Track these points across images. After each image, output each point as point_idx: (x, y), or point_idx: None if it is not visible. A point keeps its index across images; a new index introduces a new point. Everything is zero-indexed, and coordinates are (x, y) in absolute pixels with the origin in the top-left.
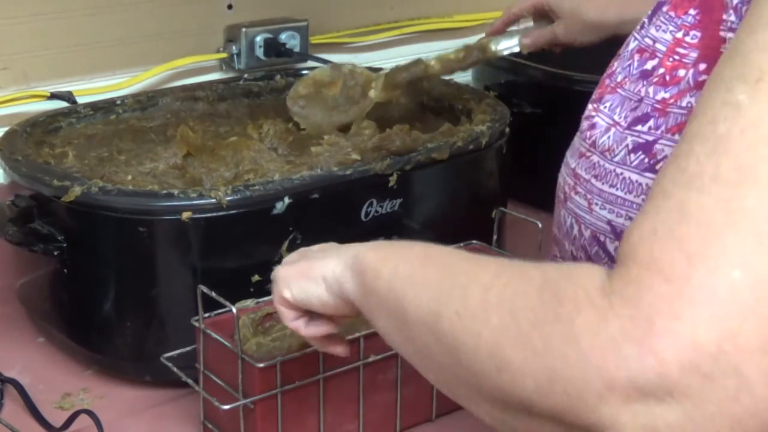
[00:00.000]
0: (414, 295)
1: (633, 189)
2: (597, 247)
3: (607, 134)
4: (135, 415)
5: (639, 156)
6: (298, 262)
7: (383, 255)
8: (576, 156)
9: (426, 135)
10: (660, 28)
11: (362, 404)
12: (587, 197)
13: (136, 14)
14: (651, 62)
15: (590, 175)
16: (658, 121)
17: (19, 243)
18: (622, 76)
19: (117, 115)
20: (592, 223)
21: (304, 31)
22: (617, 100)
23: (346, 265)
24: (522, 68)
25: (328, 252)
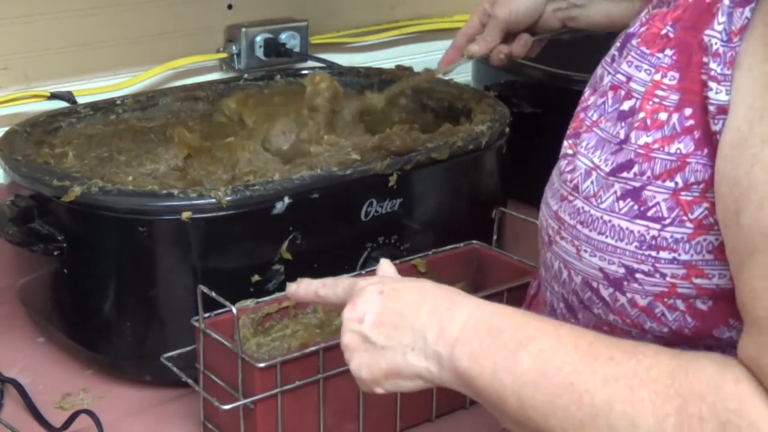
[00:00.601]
0: (544, 423)
1: (624, 236)
2: (590, 292)
3: (589, 179)
4: (135, 415)
5: (628, 203)
6: (374, 354)
7: (477, 359)
8: (557, 198)
9: (426, 135)
10: (632, 64)
11: (362, 404)
12: (574, 243)
13: (136, 14)
14: (628, 103)
15: (575, 221)
16: (642, 167)
17: (19, 243)
18: (598, 114)
19: (117, 115)
20: (582, 269)
21: (304, 31)
22: (594, 140)
23: (440, 365)
24: (522, 68)
25: (404, 340)
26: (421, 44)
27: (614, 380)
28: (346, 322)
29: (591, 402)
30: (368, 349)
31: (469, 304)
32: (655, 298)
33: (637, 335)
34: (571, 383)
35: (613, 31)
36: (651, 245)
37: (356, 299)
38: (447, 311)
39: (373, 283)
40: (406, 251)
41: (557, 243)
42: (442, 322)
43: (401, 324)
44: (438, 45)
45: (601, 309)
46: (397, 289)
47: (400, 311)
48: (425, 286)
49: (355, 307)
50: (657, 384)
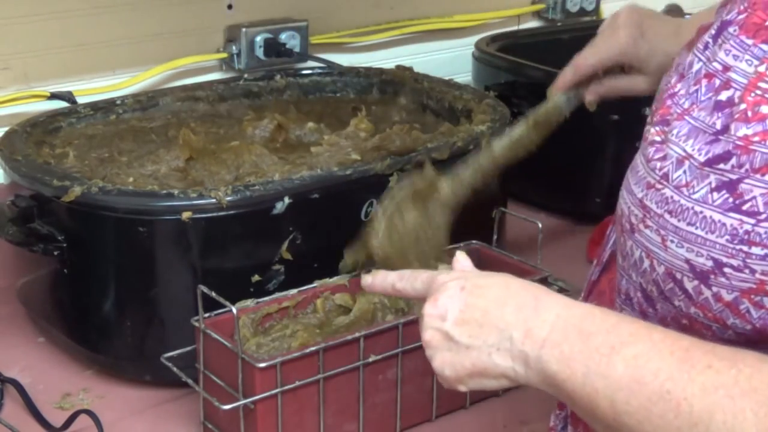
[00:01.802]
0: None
1: (715, 229)
2: (672, 284)
3: (681, 168)
4: (135, 415)
5: (723, 195)
6: (458, 352)
7: (567, 362)
8: (643, 186)
9: (426, 135)
10: (730, 53)
11: (362, 404)
12: (660, 233)
13: (136, 14)
14: (726, 93)
15: (663, 210)
16: (740, 159)
17: (19, 243)
18: (689, 102)
19: (117, 116)
20: (666, 260)
21: (304, 31)
22: (686, 128)
23: (526, 365)
24: (522, 68)
25: (489, 339)
26: (421, 44)
27: (714, 389)
28: (428, 319)
29: (690, 411)
30: (451, 348)
31: (557, 304)
32: (742, 294)
33: (717, 330)
34: (668, 391)
35: None
36: (743, 240)
37: (437, 295)
38: (534, 311)
39: (454, 279)
40: None
41: (641, 231)
42: (529, 322)
43: (485, 322)
44: (438, 45)
45: (683, 301)
46: (480, 285)
47: (484, 309)
48: (509, 282)
49: (437, 303)
50: (759, 395)
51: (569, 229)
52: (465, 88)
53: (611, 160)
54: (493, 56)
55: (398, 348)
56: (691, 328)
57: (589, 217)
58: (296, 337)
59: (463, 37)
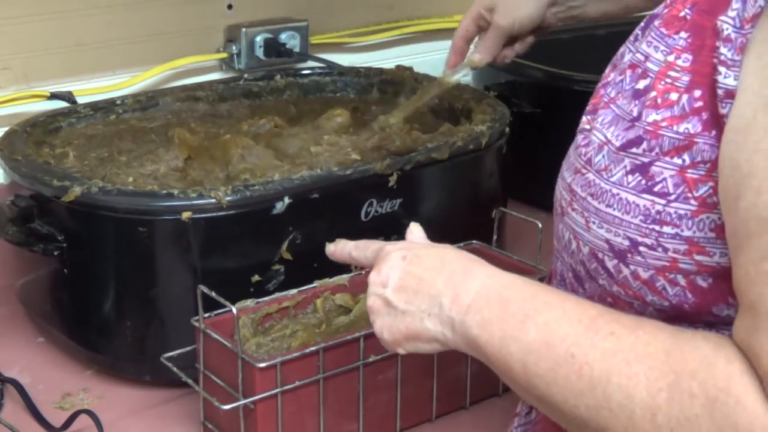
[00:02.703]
0: (546, 390)
1: (630, 210)
2: (596, 263)
3: (601, 153)
4: (135, 415)
5: (636, 177)
6: (395, 317)
7: (486, 327)
8: (572, 171)
9: (426, 135)
10: (651, 44)
11: (362, 404)
12: (584, 215)
13: (136, 14)
14: (643, 82)
15: (586, 193)
16: (651, 143)
17: (19, 243)
18: (615, 92)
19: (117, 116)
20: (590, 240)
21: (304, 31)
22: (610, 116)
23: (453, 330)
24: (522, 68)
25: (422, 305)
26: (421, 44)
27: (612, 354)
28: (371, 286)
29: (590, 374)
30: (390, 313)
31: (483, 273)
32: (657, 271)
33: (639, 307)
34: (572, 354)
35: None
36: (655, 219)
37: (381, 264)
38: (462, 279)
39: (398, 249)
40: None
41: (569, 214)
42: (457, 289)
43: (420, 289)
44: (438, 45)
45: (606, 280)
46: (419, 255)
47: (420, 276)
48: (446, 253)
49: (380, 272)
50: (653, 360)
51: None
52: (465, 88)
53: None
54: None
55: None
56: (616, 305)
57: None
58: (296, 337)
59: None
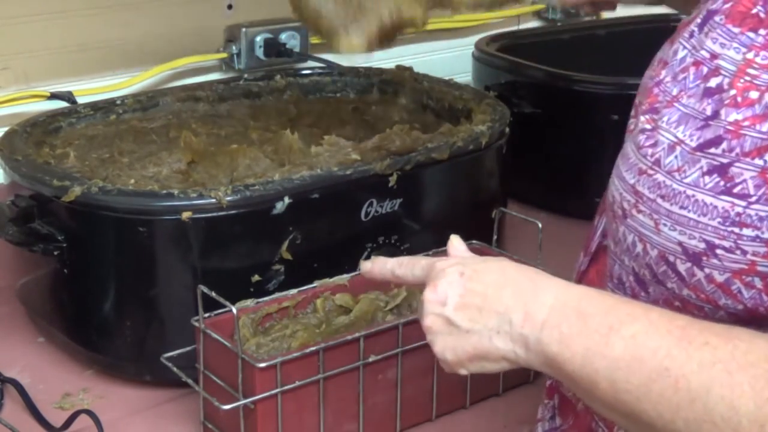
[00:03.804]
0: (636, 406)
1: (707, 212)
2: (665, 266)
3: (672, 153)
4: (135, 415)
5: (714, 179)
6: (459, 337)
7: (567, 343)
8: (634, 172)
9: (426, 135)
10: (717, 41)
11: (362, 404)
12: (653, 217)
13: (136, 14)
14: (714, 80)
15: (655, 194)
16: (731, 144)
17: (19, 243)
18: (678, 89)
19: (117, 116)
20: (659, 243)
21: (304, 31)
22: (676, 115)
23: (526, 348)
24: (522, 68)
25: (489, 323)
26: (421, 44)
27: (711, 365)
28: (428, 305)
29: (687, 387)
30: (452, 332)
31: (555, 286)
32: (733, 274)
33: (709, 311)
34: (666, 368)
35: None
36: (735, 222)
37: (437, 281)
38: (532, 293)
39: (453, 265)
40: (406, 251)
41: (633, 216)
42: (528, 305)
43: (485, 306)
44: (438, 45)
45: (676, 283)
46: (478, 270)
47: (483, 293)
48: (506, 266)
49: (437, 289)
50: (756, 369)
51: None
52: (465, 88)
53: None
54: (493, 56)
55: (398, 348)
56: (684, 309)
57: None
58: (296, 337)
59: (463, 37)
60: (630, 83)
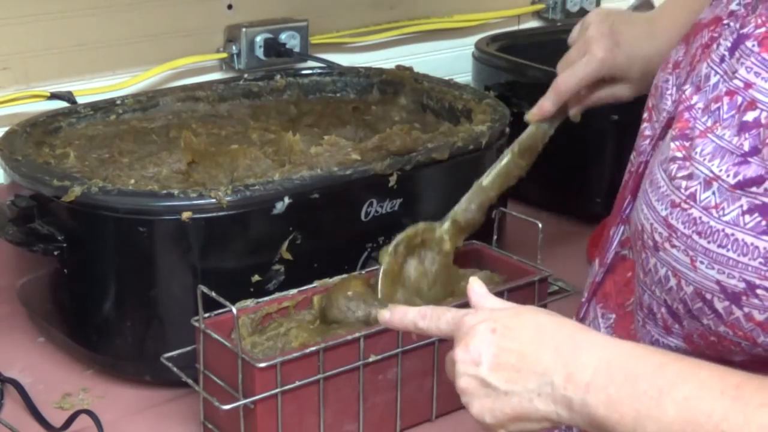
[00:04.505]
0: None
1: (748, 252)
2: (701, 303)
3: (710, 189)
4: (135, 415)
5: (755, 218)
6: (497, 399)
7: (615, 406)
8: (667, 204)
9: (426, 135)
10: (752, 70)
11: (362, 404)
12: (689, 253)
13: (136, 14)
14: (752, 113)
15: (691, 230)
16: None
17: (19, 243)
18: (712, 121)
19: (117, 116)
20: (696, 280)
21: (304, 31)
22: (711, 147)
23: (570, 410)
24: (522, 68)
25: (528, 385)
26: (421, 44)
27: None
28: (461, 365)
29: None
30: (489, 394)
31: (597, 345)
32: None
33: (747, 347)
34: (722, 431)
35: None
36: None
37: (468, 339)
38: (572, 352)
39: (483, 321)
40: None
41: (666, 250)
42: (569, 366)
43: (522, 367)
44: (438, 45)
45: (712, 320)
46: (511, 327)
47: (519, 352)
48: (542, 322)
49: (468, 348)
50: None
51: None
52: (465, 88)
53: (611, 160)
54: (493, 56)
55: (398, 348)
56: (720, 344)
57: (589, 217)
58: (290, 334)
59: (463, 37)
60: None
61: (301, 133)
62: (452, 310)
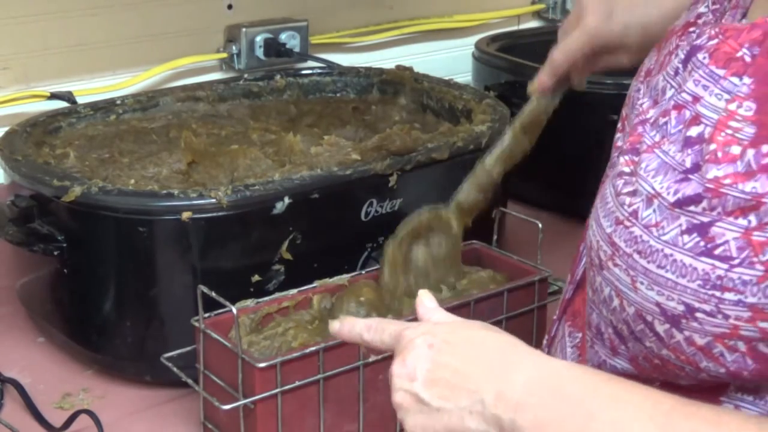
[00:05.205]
0: None
1: (686, 273)
2: (643, 325)
3: (651, 207)
4: (135, 415)
5: (694, 238)
6: (429, 415)
7: (542, 428)
8: (612, 220)
9: (426, 135)
10: (700, 83)
11: (362, 404)
12: (630, 273)
13: (136, 14)
14: (696, 129)
15: (632, 249)
16: (712, 202)
17: (19, 243)
18: (660, 135)
19: (117, 116)
20: (636, 301)
21: (304, 31)
22: (656, 162)
23: (501, 429)
24: (522, 68)
25: (460, 402)
26: (421, 44)
27: None
28: (396, 380)
29: None
30: (423, 410)
31: (528, 363)
32: (715, 338)
33: (691, 371)
34: None
35: None
36: (716, 285)
37: (405, 353)
38: (504, 370)
39: (421, 335)
40: None
41: (609, 269)
42: (500, 384)
43: (456, 383)
44: (438, 45)
45: (654, 343)
46: (449, 342)
47: (454, 368)
48: (479, 338)
49: (405, 363)
50: None
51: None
52: (465, 88)
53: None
54: (493, 56)
55: None
56: (664, 368)
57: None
58: (287, 334)
59: (463, 37)
60: (629, 83)
61: (301, 133)
62: (396, 323)
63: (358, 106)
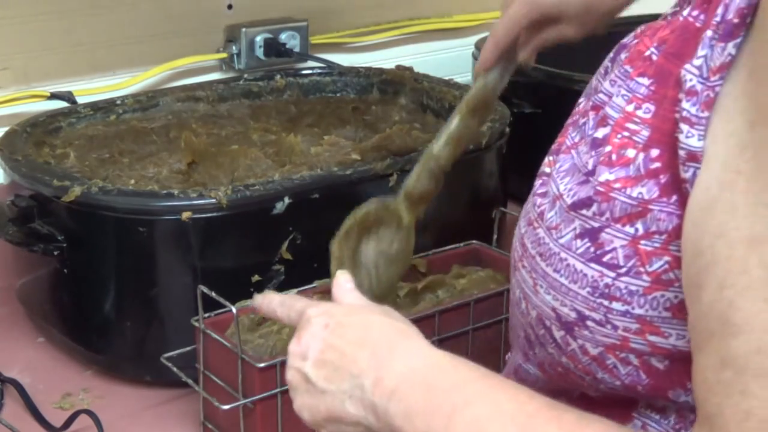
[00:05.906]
0: None
1: (578, 279)
2: (543, 330)
3: (553, 208)
4: (135, 415)
5: (585, 243)
6: (314, 396)
7: (411, 418)
8: (525, 221)
9: (426, 135)
10: (615, 83)
11: None
12: (532, 276)
13: (136, 14)
14: (602, 130)
15: (535, 251)
16: (601, 207)
17: (19, 243)
18: (579, 136)
19: (117, 116)
20: (537, 305)
21: (304, 31)
22: (568, 164)
23: (376, 416)
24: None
25: (342, 385)
26: (421, 44)
27: None
28: (290, 357)
29: None
30: (309, 390)
31: (410, 352)
32: (606, 349)
33: (591, 382)
34: None
35: None
36: (604, 293)
37: (302, 332)
38: (386, 357)
39: (320, 314)
40: None
41: (518, 270)
42: (380, 370)
43: (341, 366)
44: (438, 45)
45: (554, 350)
46: (342, 323)
47: (342, 351)
48: (371, 322)
49: (300, 341)
50: None
51: None
52: (465, 88)
53: None
54: None
55: None
56: (568, 377)
57: None
58: (283, 333)
59: (463, 37)
60: None
61: (301, 133)
62: (304, 301)
63: (358, 106)
